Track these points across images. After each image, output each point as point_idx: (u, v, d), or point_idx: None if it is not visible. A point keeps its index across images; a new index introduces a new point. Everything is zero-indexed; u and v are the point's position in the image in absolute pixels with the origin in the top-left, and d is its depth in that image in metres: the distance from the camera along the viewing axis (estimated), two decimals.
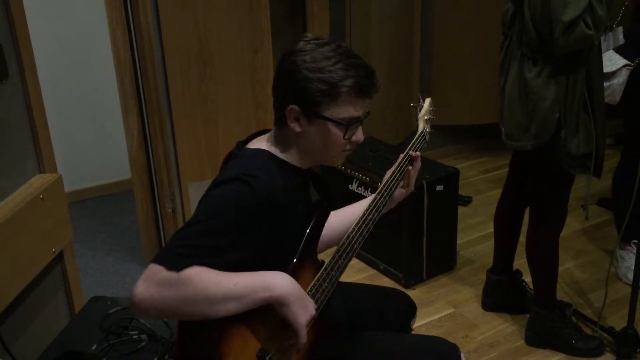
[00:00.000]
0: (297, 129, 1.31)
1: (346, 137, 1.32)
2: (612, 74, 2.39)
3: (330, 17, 3.17)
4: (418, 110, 1.77)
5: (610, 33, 2.24)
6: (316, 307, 1.31)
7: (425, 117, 1.75)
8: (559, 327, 2.32)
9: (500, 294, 2.56)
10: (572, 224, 3.22)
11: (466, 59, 3.72)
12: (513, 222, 2.48)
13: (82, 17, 3.40)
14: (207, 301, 1.17)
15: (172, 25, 2.69)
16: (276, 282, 1.22)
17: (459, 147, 4.10)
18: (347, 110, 1.29)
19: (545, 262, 2.31)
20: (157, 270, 1.15)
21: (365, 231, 1.47)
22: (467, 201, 3.47)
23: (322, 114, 1.29)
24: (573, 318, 2.38)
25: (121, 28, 2.69)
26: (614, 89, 2.39)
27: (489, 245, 2.87)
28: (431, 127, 1.77)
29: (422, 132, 1.70)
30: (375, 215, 1.50)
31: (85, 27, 3.42)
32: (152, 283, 1.14)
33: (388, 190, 1.55)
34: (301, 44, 1.29)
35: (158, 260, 1.17)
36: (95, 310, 1.83)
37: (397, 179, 1.58)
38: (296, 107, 1.28)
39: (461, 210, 3.21)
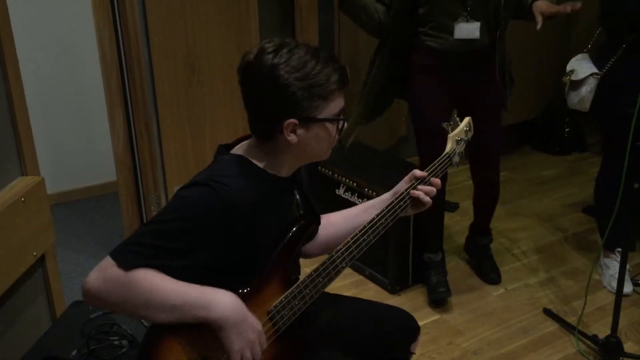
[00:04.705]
0: (294, 140, 1.30)
1: (339, 129, 1.35)
2: (581, 82, 2.44)
3: (319, 22, 3.17)
4: (449, 129, 1.61)
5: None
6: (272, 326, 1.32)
7: (457, 138, 1.60)
8: None
9: None
10: (557, 232, 3.24)
11: None
12: None
13: (69, 17, 3.37)
14: (146, 306, 1.19)
15: (159, 28, 2.68)
16: (216, 303, 1.21)
17: None
18: (336, 105, 1.33)
19: None
20: (109, 264, 1.20)
21: (355, 252, 1.39)
22: (454, 207, 3.47)
23: (319, 117, 1.30)
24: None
25: (108, 29, 2.67)
26: (583, 96, 2.44)
27: None
28: (465, 148, 1.61)
29: (446, 153, 1.56)
30: (371, 237, 1.41)
31: (71, 28, 3.39)
32: (102, 276, 1.19)
33: (392, 214, 1.44)
34: (270, 57, 1.26)
35: (113, 253, 1.21)
36: (76, 315, 1.81)
37: (406, 202, 1.46)
38: (294, 120, 1.28)
39: (448, 216, 3.21)
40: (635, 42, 2.35)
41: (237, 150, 1.38)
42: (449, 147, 1.58)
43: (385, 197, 1.52)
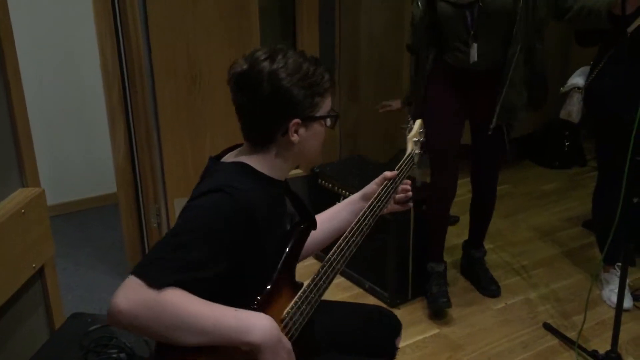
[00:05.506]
0: (297, 140, 1.34)
1: (331, 126, 1.40)
2: (566, 95, 2.53)
3: (320, 35, 3.19)
4: (407, 132, 1.76)
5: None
6: (292, 335, 1.32)
7: (415, 139, 1.74)
8: None
9: None
10: (557, 246, 3.23)
11: None
12: None
13: (70, 28, 3.39)
14: (179, 329, 1.16)
15: (161, 40, 2.69)
16: (255, 327, 1.20)
17: None
18: (329, 102, 1.39)
19: None
20: (137, 285, 1.14)
21: (347, 254, 1.45)
22: (454, 221, 3.47)
23: (317, 115, 1.35)
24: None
25: (110, 41, 2.68)
26: (568, 109, 2.51)
27: None
28: (421, 148, 1.76)
29: (409, 154, 1.70)
30: (359, 237, 1.48)
31: (73, 39, 3.41)
32: (131, 297, 1.13)
33: (373, 214, 1.52)
34: (267, 63, 1.30)
35: (139, 273, 1.15)
36: (75, 328, 1.80)
37: (383, 202, 1.56)
38: (297, 120, 1.32)
39: (448, 229, 3.20)
40: (615, 55, 2.42)
41: (232, 158, 1.38)
42: (409, 148, 1.72)
43: (353, 199, 1.63)
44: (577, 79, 2.56)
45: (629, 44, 2.31)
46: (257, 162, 1.35)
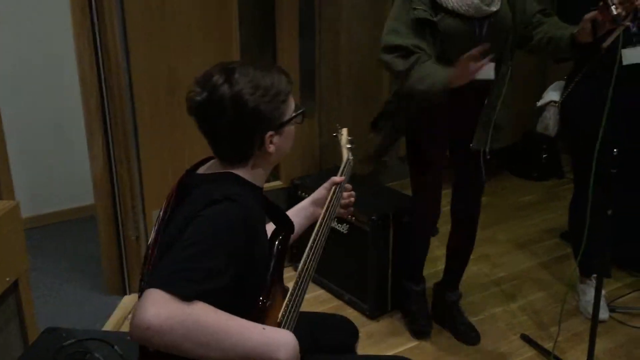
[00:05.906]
0: (273, 149, 1.35)
1: (301, 121, 1.41)
2: (543, 109, 2.57)
3: (300, 46, 3.20)
4: (339, 139, 1.87)
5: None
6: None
7: (348, 146, 1.85)
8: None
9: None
10: (535, 257, 3.26)
11: None
12: None
13: (49, 38, 3.37)
14: (209, 346, 1.14)
15: (139, 50, 2.68)
16: (283, 344, 1.22)
17: None
18: (293, 101, 1.40)
19: None
20: (165, 299, 1.10)
21: (317, 255, 1.50)
22: (434, 232, 3.48)
23: (286, 120, 1.36)
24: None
25: (88, 51, 2.66)
26: (544, 122, 2.55)
27: None
28: (352, 154, 1.86)
29: (347, 159, 1.80)
30: (323, 240, 1.54)
31: (51, 49, 3.38)
32: (163, 312, 1.09)
33: (330, 217, 1.61)
34: (226, 87, 1.27)
35: (164, 285, 1.11)
36: (49, 342, 1.77)
37: (335, 206, 1.65)
38: (271, 132, 1.34)
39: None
40: (590, 69, 2.47)
41: (209, 170, 1.39)
42: (345, 155, 1.84)
43: (304, 205, 1.71)
44: (552, 93, 2.60)
45: (603, 60, 2.35)
46: (240, 171, 1.36)
